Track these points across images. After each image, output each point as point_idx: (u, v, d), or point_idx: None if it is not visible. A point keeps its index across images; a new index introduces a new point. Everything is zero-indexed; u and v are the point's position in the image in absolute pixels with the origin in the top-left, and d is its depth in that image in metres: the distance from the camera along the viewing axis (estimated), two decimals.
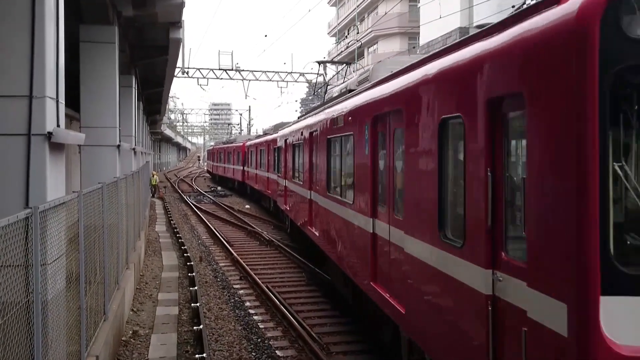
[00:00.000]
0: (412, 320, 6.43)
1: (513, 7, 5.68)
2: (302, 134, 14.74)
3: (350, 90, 10.49)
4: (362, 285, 8.59)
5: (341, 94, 11.52)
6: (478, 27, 5.62)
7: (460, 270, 5.10)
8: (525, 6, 4.64)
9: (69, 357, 6.25)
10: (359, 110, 8.86)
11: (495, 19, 5.31)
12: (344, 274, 10.08)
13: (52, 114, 6.73)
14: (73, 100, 13.48)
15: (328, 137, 11.26)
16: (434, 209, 5.65)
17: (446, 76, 5.59)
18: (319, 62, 17.01)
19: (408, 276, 6.51)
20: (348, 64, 17.61)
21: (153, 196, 36.82)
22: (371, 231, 8.07)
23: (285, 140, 18.58)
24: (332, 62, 16.73)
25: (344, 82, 14.90)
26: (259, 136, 35.51)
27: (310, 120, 13.79)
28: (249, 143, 35.85)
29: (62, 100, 7.13)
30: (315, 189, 12.80)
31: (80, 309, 6.68)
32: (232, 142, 46.21)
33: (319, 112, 12.94)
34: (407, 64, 7.02)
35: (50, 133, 6.54)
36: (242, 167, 37.66)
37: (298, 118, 19.26)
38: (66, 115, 10.05)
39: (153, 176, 38.88)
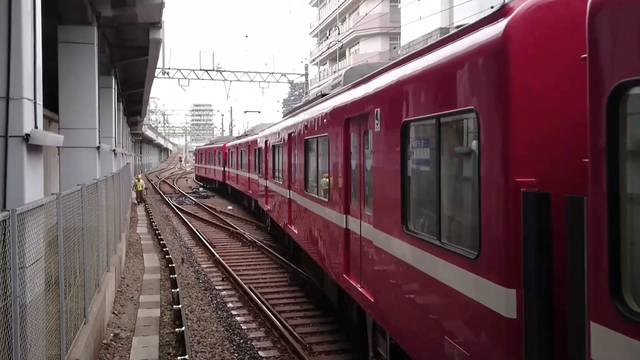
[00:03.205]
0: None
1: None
2: None
3: None
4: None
5: None
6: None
7: None
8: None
9: None
10: None
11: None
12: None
13: (29, 116, 6.67)
14: (52, 101, 13.32)
15: None
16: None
17: None
18: None
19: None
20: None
21: (139, 204, 32.65)
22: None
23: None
24: None
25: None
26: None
27: None
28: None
29: (39, 101, 7.07)
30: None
31: (60, 312, 6.62)
32: (248, 135, 30.15)
33: None
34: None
35: (27, 135, 6.49)
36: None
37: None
38: (44, 116, 9.96)
39: (139, 180, 34.02)
